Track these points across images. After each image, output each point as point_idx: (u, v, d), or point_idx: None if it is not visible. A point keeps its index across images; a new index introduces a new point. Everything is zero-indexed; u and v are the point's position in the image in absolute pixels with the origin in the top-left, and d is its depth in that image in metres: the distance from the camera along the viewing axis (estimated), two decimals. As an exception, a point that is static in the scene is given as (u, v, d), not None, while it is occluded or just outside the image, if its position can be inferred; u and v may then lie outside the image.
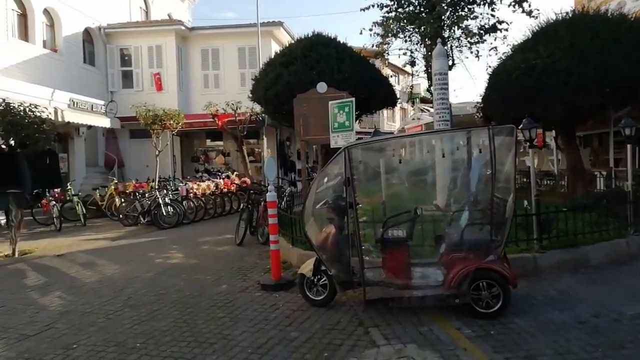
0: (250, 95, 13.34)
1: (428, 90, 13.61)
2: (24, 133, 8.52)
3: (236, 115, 15.25)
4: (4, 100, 8.46)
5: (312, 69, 11.59)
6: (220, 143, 20.78)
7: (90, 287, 6.07)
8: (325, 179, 5.00)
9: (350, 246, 4.58)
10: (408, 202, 5.12)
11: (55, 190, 11.92)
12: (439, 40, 9.45)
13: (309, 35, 12.87)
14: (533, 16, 10.95)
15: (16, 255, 8.32)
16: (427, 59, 11.74)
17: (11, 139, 8.58)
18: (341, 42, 12.85)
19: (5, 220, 10.44)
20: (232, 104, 15.16)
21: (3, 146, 8.90)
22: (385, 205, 5.31)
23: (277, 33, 19.17)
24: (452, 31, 11.64)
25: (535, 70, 8.67)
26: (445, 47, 10.44)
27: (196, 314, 4.74)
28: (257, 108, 14.50)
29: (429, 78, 12.07)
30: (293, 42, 13.79)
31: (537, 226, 5.87)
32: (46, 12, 15.87)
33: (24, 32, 14.96)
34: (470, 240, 4.43)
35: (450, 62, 11.14)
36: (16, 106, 8.48)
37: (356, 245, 4.45)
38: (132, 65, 18.77)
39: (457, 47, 12.16)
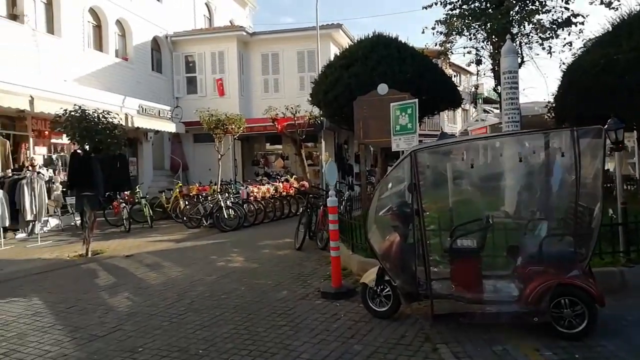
0: (310, 99, 13.33)
1: (494, 89, 12.96)
2: (97, 138, 8.94)
3: (295, 118, 15.32)
4: (80, 107, 8.93)
5: (373, 70, 11.36)
6: (280, 147, 21.01)
7: (155, 290, 6.22)
8: (390, 185, 4.79)
9: (416, 256, 4.33)
10: (478, 210, 4.80)
11: (125, 192, 12.53)
12: (507, 36, 8.93)
13: (369, 36, 12.65)
14: (613, 8, 10.11)
15: (89, 255, 8.74)
16: (494, 56, 11.17)
17: (86, 144, 9.05)
18: (402, 42, 12.51)
19: (80, 221, 11.08)
20: (291, 108, 15.24)
21: (79, 151, 9.42)
22: (453, 212, 5.00)
23: (336, 35, 19.12)
24: (521, 27, 11.01)
25: (617, 66, 7.96)
26: (514, 44, 9.87)
27: (257, 321, 4.68)
28: (316, 111, 14.47)
29: (496, 77, 11.49)
30: (352, 44, 13.62)
31: (624, 237, 5.32)
32: (118, 22, 16.79)
33: (99, 43, 15.90)
34: (550, 253, 4.05)
35: (519, 60, 10.53)
36: (91, 112, 8.92)
37: (422, 255, 4.20)
38: (196, 71, 19.44)
39: (526, 43, 11.51)
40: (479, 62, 12.29)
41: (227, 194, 12.36)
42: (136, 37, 17.41)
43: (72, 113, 8.78)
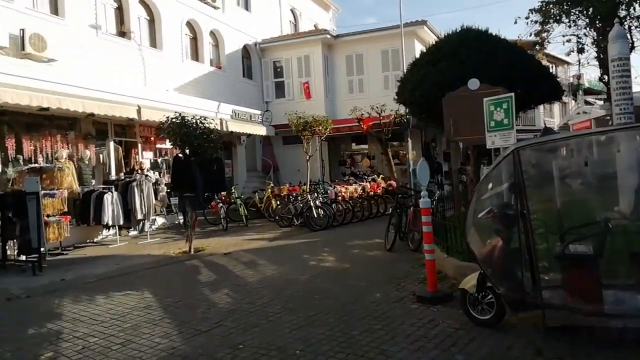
0: (396, 98, 13.09)
1: (600, 79, 11.79)
2: (195, 143, 9.52)
3: (380, 118, 15.15)
4: (180, 114, 9.57)
5: (462, 64, 10.82)
6: (365, 146, 20.95)
7: (252, 287, 6.46)
8: (489, 185, 4.51)
9: (522, 261, 4.03)
10: (589, 211, 4.35)
11: (222, 193, 13.28)
12: (615, 20, 8.05)
13: (457, 30, 12.11)
14: None
15: (191, 252, 9.33)
16: (599, 43, 10.16)
17: (186, 148, 9.68)
18: (493, 34, 11.81)
19: (183, 220, 11.92)
20: (377, 108, 15.10)
21: (180, 155, 10.10)
22: (561, 214, 4.59)
23: (421, 32, 18.64)
24: (630, 9, 9.91)
25: None
26: (623, 28, 8.88)
27: (352, 323, 4.66)
28: (402, 110, 14.19)
29: (602, 66, 10.45)
30: (439, 39, 13.14)
31: None
32: (212, 34, 17.81)
33: (195, 54, 16.99)
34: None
35: (629, 45, 9.47)
36: (189, 119, 9.53)
37: (529, 260, 3.89)
38: (284, 76, 20.02)
39: (637, 27, 10.34)
40: (581, 51, 11.26)
41: (316, 194, 12.57)
42: (228, 46, 18.34)
43: (173, 120, 9.44)
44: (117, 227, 11.00)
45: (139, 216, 11.24)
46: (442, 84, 10.61)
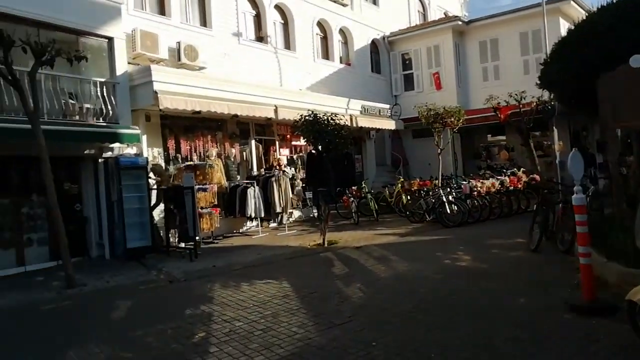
0: (538, 83, 11.88)
1: None
2: (327, 139, 9.81)
3: (520, 106, 13.92)
4: (312, 112, 9.94)
5: (621, 40, 9.40)
6: (503, 137, 19.53)
7: (384, 283, 6.43)
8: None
9: None
10: None
11: (353, 187, 13.53)
12: None
13: (613, 1, 10.51)
14: None
15: (325, 245, 9.65)
16: None
17: (319, 144, 10.02)
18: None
19: (317, 213, 12.41)
20: (515, 95, 13.90)
21: (313, 151, 10.49)
22: None
23: (567, 8, 16.66)
24: None
25: None
26: None
27: (493, 330, 4.33)
28: (545, 96, 12.85)
29: None
30: (589, 14, 11.56)
31: None
32: (341, 31, 18.15)
33: (325, 52, 17.49)
34: None
35: None
36: (321, 116, 9.83)
37: None
38: (413, 68, 19.60)
39: None
40: None
41: (448, 189, 12.09)
42: (357, 42, 18.53)
43: (307, 118, 9.84)
44: (258, 219, 11.87)
45: (278, 209, 11.98)
46: (597, 63, 9.35)
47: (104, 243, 9.86)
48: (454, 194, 11.85)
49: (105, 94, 9.84)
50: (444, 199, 11.38)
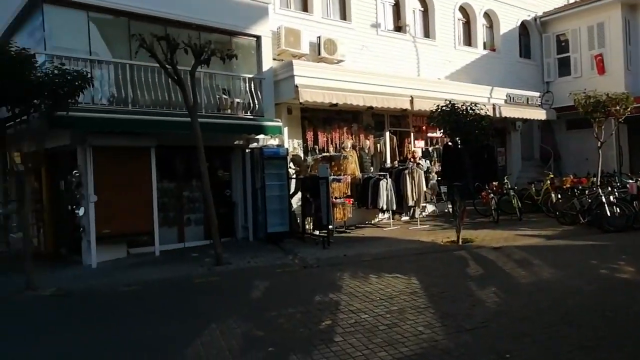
0: None
1: None
2: (465, 130, 9.27)
3: None
4: (450, 102, 9.46)
5: None
6: (687, 128, 16.33)
7: (524, 290, 5.88)
8: None
9: None
10: None
11: (494, 182, 12.62)
12: None
13: None
14: None
15: (459, 243, 9.18)
16: None
17: (455, 136, 9.52)
18: None
19: (452, 209, 11.88)
20: None
21: (450, 143, 10.01)
22: None
23: None
24: None
25: None
26: None
27: (659, 357, 3.68)
28: None
29: None
30: None
31: None
32: (486, 15, 16.92)
33: (467, 38, 16.49)
34: None
35: None
36: (459, 106, 9.31)
37: None
38: (570, 50, 17.49)
39: None
40: None
41: (609, 188, 10.58)
42: (503, 25, 17.11)
43: (444, 108, 9.39)
44: (390, 211, 11.80)
45: (410, 202, 11.76)
46: None
47: (248, 226, 10.77)
48: (616, 194, 10.32)
49: (252, 89, 10.69)
50: (604, 199, 9.96)
